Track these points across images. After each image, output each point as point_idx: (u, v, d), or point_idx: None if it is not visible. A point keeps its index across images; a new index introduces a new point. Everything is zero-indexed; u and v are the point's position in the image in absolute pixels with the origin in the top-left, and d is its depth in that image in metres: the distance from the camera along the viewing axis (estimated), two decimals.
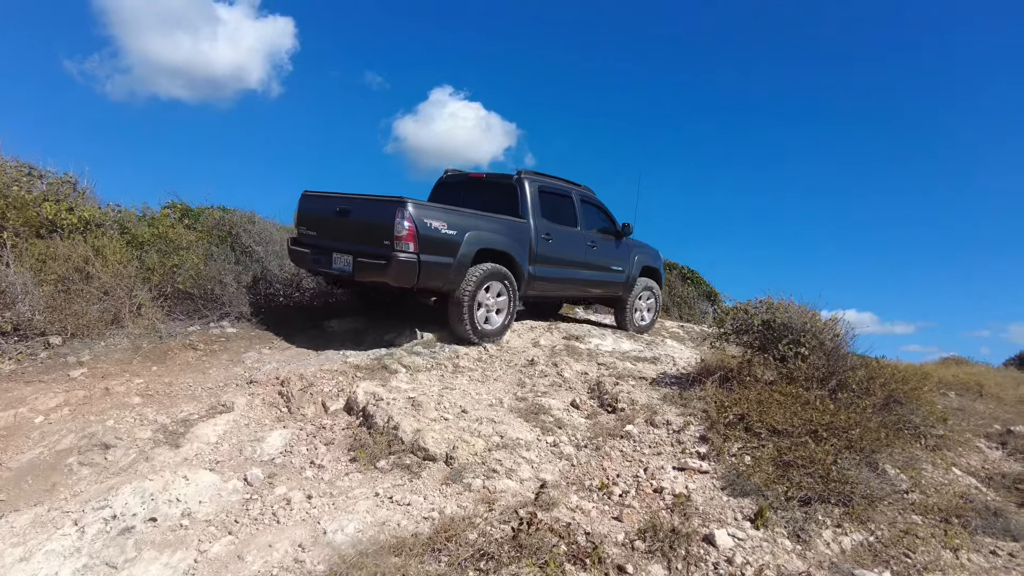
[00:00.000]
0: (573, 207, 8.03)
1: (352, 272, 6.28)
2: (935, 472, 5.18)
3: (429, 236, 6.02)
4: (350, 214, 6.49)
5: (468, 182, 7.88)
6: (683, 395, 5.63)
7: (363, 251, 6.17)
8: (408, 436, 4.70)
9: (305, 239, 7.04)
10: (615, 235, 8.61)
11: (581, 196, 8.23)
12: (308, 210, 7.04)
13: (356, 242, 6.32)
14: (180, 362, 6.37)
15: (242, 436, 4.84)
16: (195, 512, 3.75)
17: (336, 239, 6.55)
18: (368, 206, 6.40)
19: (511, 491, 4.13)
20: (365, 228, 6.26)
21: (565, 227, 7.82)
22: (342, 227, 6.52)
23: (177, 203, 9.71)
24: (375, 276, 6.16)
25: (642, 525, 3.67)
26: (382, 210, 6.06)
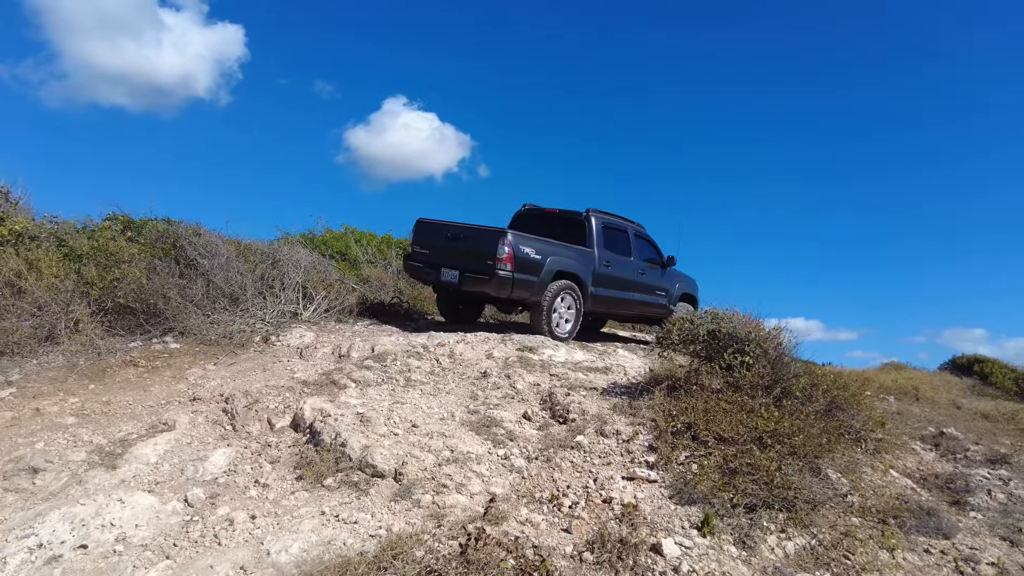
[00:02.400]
0: (628, 240, 9.50)
1: (459, 283, 7.92)
2: (874, 475, 5.36)
3: (522, 258, 7.65)
4: (458, 238, 8.09)
5: (543, 215, 9.36)
6: (633, 404, 5.69)
7: (469, 267, 7.81)
8: (356, 453, 4.62)
9: (418, 256, 8.59)
10: (661, 265, 10.07)
11: (635, 231, 9.71)
12: (422, 233, 8.66)
13: (463, 260, 7.92)
14: (120, 380, 6.15)
15: (184, 455, 4.69)
16: (130, 537, 3.61)
17: (445, 257, 8.15)
18: (474, 233, 8.05)
19: (461, 506, 4.10)
20: (471, 250, 7.87)
21: (621, 256, 9.28)
22: (451, 248, 8.13)
23: (119, 215, 9.40)
24: (478, 287, 7.84)
25: (591, 536, 3.68)
26: (487, 237, 7.73)
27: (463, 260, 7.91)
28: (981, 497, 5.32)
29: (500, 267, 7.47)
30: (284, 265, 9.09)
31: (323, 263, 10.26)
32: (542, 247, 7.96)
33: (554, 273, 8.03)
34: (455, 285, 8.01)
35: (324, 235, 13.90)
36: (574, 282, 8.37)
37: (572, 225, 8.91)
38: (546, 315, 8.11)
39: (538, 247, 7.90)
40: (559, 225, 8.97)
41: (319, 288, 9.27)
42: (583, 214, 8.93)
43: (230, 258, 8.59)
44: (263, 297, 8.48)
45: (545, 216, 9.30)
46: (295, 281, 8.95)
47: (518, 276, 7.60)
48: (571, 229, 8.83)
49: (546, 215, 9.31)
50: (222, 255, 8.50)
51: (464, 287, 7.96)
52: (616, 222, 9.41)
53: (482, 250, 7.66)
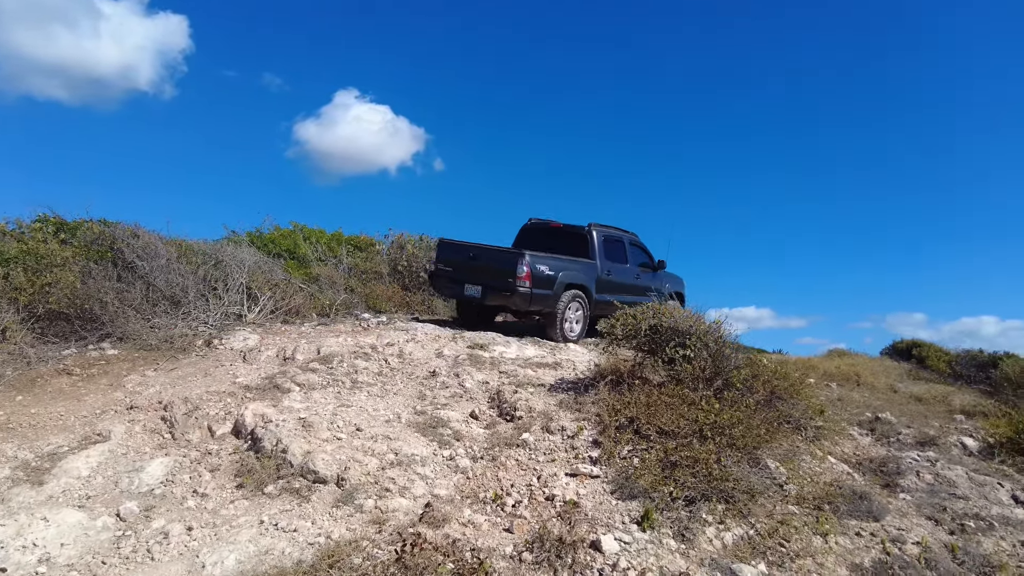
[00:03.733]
0: (624, 249, 10.43)
1: (482, 297, 8.82)
2: (813, 462, 5.52)
3: (538, 275, 8.53)
4: (479, 257, 9.03)
5: (548, 229, 10.17)
6: (579, 400, 5.75)
7: (491, 283, 8.68)
8: (298, 459, 4.56)
9: (442, 272, 9.42)
10: (652, 268, 11.02)
11: (630, 240, 10.65)
12: (444, 252, 9.51)
13: (484, 277, 8.79)
14: (51, 389, 5.92)
15: (119, 467, 4.55)
16: (55, 557, 3.48)
17: (468, 274, 9.01)
18: (495, 253, 9.04)
19: (403, 509, 4.08)
20: (492, 268, 8.74)
21: (619, 264, 10.20)
22: (472, 266, 9.01)
23: (50, 217, 9.02)
24: (500, 301, 8.81)
25: (531, 536, 3.71)
26: (507, 257, 8.66)
27: (485, 277, 8.81)
28: (910, 479, 5.54)
29: (520, 284, 8.36)
30: (227, 266, 8.89)
31: (268, 263, 10.06)
32: (554, 263, 8.88)
33: (565, 285, 8.94)
34: (478, 299, 8.94)
35: (272, 233, 13.61)
36: (582, 291, 9.31)
37: (575, 238, 9.77)
38: (559, 322, 8.98)
39: (551, 264, 8.81)
40: (563, 238, 9.85)
41: (264, 288, 9.10)
42: (585, 228, 9.80)
43: (171, 260, 8.35)
44: (206, 299, 8.28)
45: (550, 230, 10.18)
46: (239, 282, 8.76)
47: (535, 291, 8.51)
48: (574, 242, 9.73)
49: (551, 229, 10.18)
50: (162, 257, 8.26)
51: (487, 301, 8.92)
52: (613, 234, 10.30)
53: (503, 268, 8.55)
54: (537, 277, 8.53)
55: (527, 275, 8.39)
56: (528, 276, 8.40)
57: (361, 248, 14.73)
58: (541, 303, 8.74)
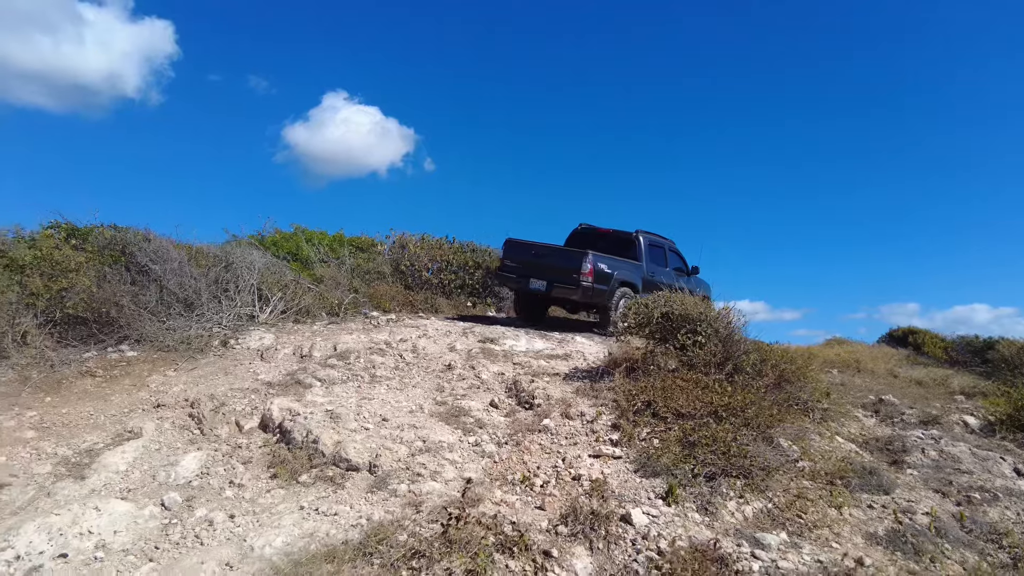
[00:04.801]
0: (665, 253, 11.52)
1: (546, 291, 9.76)
2: (822, 441, 5.71)
3: (598, 272, 9.54)
4: (545, 255, 10.08)
5: (598, 233, 11.12)
6: (594, 387, 5.92)
7: (556, 279, 9.65)
8: (329, 448, 4.70)
9: (508, 268, 10.42)
10: (686, 273, 11.97)
11: (669, 246, 11.75)
12: (511, 250, 10.52)
13: (550, 273, 9.76)
14: (77, 391, 6.03)
15: (154, 462, 4.68)
16: (110, 543, 3.62)
17: (533, 270, 9.99)
18: (559, 252, 10.23)
19: (437, 492, 4.24)
20: (558, 265, 9.77)
21: (660, 267, 11.16)
22: (538, 263, 10.00)
23: (62, 223, 9.11)
24: (563, 294, 9.81)
25: (564, 511, 3.88)
26: (572, 256, 9.73)
27: (550, 273, 9.80)
28: (916, 456, 5.74)
29: (583, 279, 9.40)
30: (237, 268, 8.99)
31: (277, 264, 10.19)
32: (611, 263, 9.91)
33: (619, 283, 9.92)
34: (543, 292, 9.92)
35: (274, 236, 13.72)
36: (631, 288, 10.21)
37: (623, 242, 10.78)
38: (612, 314, 9.75)
39: (608, 263, 9.84)
40: (612, 242, 10.76)
41: (274, 290, 9.21)
42: (633, 234, 10.86)
43: (182, 263, 8.45)
44: (218, 301, 8.38)
45: (599, 234, 11.14)
46: (250, 283, 8.87)
47: (596, 286, 9.52)
48: (622, 245, 10.69)
49: (601, 233, 11.14)
50: (173, 260, 8.36)
51: (552, 294, 9.92)
52: (656, 240, 11.37)
53: (568, 265, 9.61)
54: (598, 274, 9.52)
55: (590, 271, 9.40)
56: (591, 272, 9.41)
57: (363, 249, 14.86)
58: (598, 297, 9.74)
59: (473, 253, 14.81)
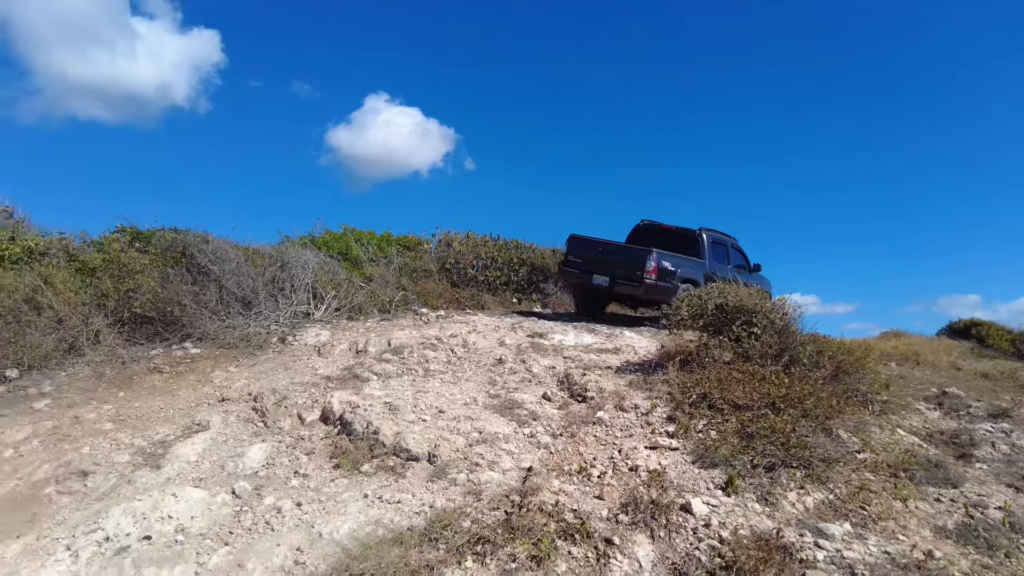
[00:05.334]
0: (727, 251, 11.48)
1: (609, 286, 9.90)
2: (882, 434, 5.58)
3: (662, 269, 9.59)
4: (609, 252, 10.19)
5: (660, 230, 11.12)
6: (648, 380, 5.91)
7: (619, 275, 9.77)
8: (389, 439, 4.81)
9: (572, 264, 10.57)
10: (748, 270, 11.86)
11: (731, 244, 11.74)
12: (575, 246, 10.66)
13: (613, 269, 9.87)
14: (147, 386, 6.31)
15: (222, 452, 4.87)
16: (188, 527, 3.79)
17: (597, 266, 10.11)
18: (623, 249, 10.37)
19: (495, 481, 4.30)
20: (622, 262, 9.86)
21: (722, 264, 11.05)
22: (602, 260, 10.11)
23: (126, 227, 9.52)
24: (626, 290, 9.91)
25: (623, 500, 3.90)
26: (637, 253, 9.79)
27: (613, 269, 9.89)
28: (985, 449, 5.56)
29: (647, 276, 9.48)
30: (292, 267, 9.24)
31: (329, 264, 10.43)
32: (674, 260, 9.94)
33: (682, 280, 9.88)
34: (606, 288, 10.03)
35: (324, 236, 14.04)
36: (693, 285, 9.97)
37: (686, 240, 10.78)
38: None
39: (672, 260, 9.88)
40: (674, 239, 10.75)
41: (328, 288, 9.45)
42: (696, 231, 10.86)
43: (240, 263, 8.72)
44: (275, 299, 8.64)
45: (661, 231, 11.13)
46: (305, 282, 9.12)
47: (659, 283, 9.57)
48: (685, 242, 10.70)
49: (663, 230, 11.14)
50: (232, 260, 8.64)
51: (615, 290, 10.02)
52: (719, 237, 11.34)
53: (632, 262, 9.69)
54: (661, 271, 9.59)
55: (654, 269, 9.49)
56: (655, 270, 9.49)
57: (409, 247, 15.09)
58: (661, 295, 9.63)
59: (518, 250, 14.89)
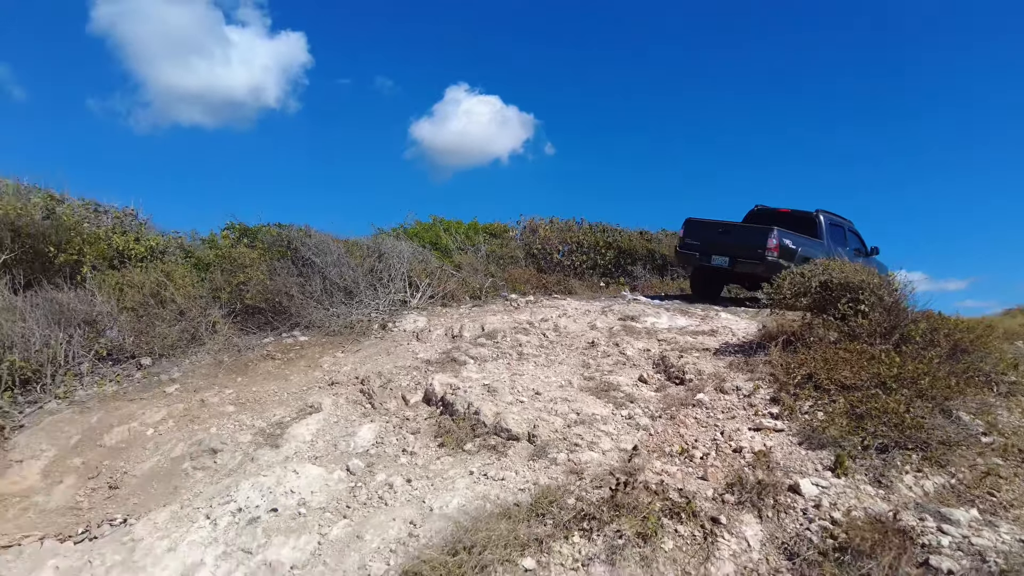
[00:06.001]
0: (844, 233, 11.48)
1: (730, 266, 10.18)
2: (1011, 416, 5.20)
3: (784, 247, 9.66)
4: (729, 232, 10.42)
5: (775, 214, 11.17)
6: (748, 361, 5.77)
7: (739, 254, 9.97)
8: (490, 419, 4.95)
9: (689, 246, 10.79)
10: (865, 253, 11.84)
11: (848, 227, 11.76)
12: (691, 229, 10.87)
13: (733, 249, 10.09)
14: (261, 371, 6.75)
15: (334, 432, 5.16)
16: (309, 501, 4.07)
17: (715, 247, 10.34)
18: (744, 228, 10.57)
19: (596, 462, 4.35)
20: (742, 242, 10.04)
21: (839, 246, 10.87)
22: (721, 240, 10.34)
23: (235, 224, 10.17)
24: (747, 269, 10.02)
25: (728, 481, 3.85)
26: (757, 232, 9.88)
27: (733, 249, 10.11)
28: None
29: (769, 254, 9.56)
30: (389, 258, 9.61)
31: (422, 253, 10.77)
32: (795, 239, 9.96)
33: (803, 259, 9.50)
34: (726, 268, 10.34)
35: (414, 227, 14.46)
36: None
37: (804, 222, 10.74)
38: None
39: (793, 239, 9.91)
40: (790, 222, 10.67)
41: (422, 277, 9.76)
42: (813, 213, 10.87)
43: (340, 255, 9.15)
44: (374, 288, 9.02)
45: (778, 215, 11.14)
46: (401, 272, 9.46)
47: (781, 261, 9.39)
48: (802, 225, 10.64)
49: (779, 214, 11.15)
50: (333, 253, 9.08)
51: (735, 269, 10.24)
52: (836, 219, 11.33)
53: (752, 242, 9.79)
54: (783, 249, 9.65)
55: (776, 247, 9.56)
56: (776, 248, 9.56)
57: (496, 235, 15.31)
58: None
59: (603, 233, 14.82)
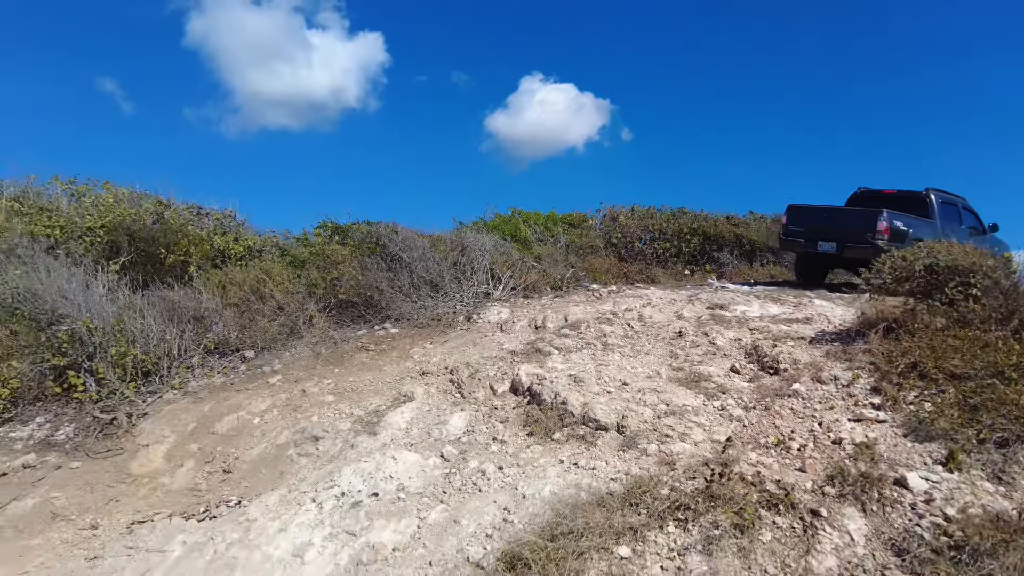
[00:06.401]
0: (958, 211, 11.12)
1: (838, 251, 9.92)
2: None
3: (895, 230, 9.43)
4: (835, 218, 10.23)
5: (879, 196, 10.94)
6: (847, 350, 5.53)
7: (847, 240, 9.73)
8: (577, 410, 4.99)
9: (793, 232, 10.68)
10: (981, 232, 11.55)
11: (962, 204, 11.37)
12: (795, 215, 10.75)
13: (840, 234, 9.87)
14: (356, 363, 7.05)
15: (427, 421, 5.34)
16: (408, 486, 4.24)
17: (821, 232, 10.17)
18: (851, 212, 10.37)
19: (688, 452, 4.31)
20: (849, 226, 9.84)
21: (954, 225, 10.67)
22: (827, 226, 10.14)
23: (327, 222, 10.63)
24: (856, 254, 9.53)
25: (828, 473, 3.73)
26: (865, 214, 9.64)
27: (840, 234, 9.90)
28: None
29: (878, 238, 9.30)
30: (471, 251, 9.78)
31: (503, 246, 10.90)
32: (906, 220, 9.68)
33: (914, 240, 9.12)
34: (833, 254, 10.10)
35: (494, 220, 14.64)
36: None
37: (913, 203, 10.45)
38: None
39: (903, 220, 9.63)
40: (897, 203, 10.39)
41: (503, 269, 9.88)
42: (923, 192, 10.51)
43: (425, 249, 9.41)
44: (458, 281, 9.21)
45: (883, 197, 10.86)
46: (483, 264, 9.61)
47: (892, 244, 9.12)
48: (911, 206, 10.36)
49: (885, 196, 10.88)
50: (419, 248, 9.34)
51: (843, 255, 9.96)
52: (948, 197, 10.98)
53: (861, 225, 9.57)
54: (894, 232, 9.42)
55: (886, 230, 9.32)
56: (887, 230, 9.33)
57: (575, 225, 15.28)
58: None
59: (687, 219, 14.48)
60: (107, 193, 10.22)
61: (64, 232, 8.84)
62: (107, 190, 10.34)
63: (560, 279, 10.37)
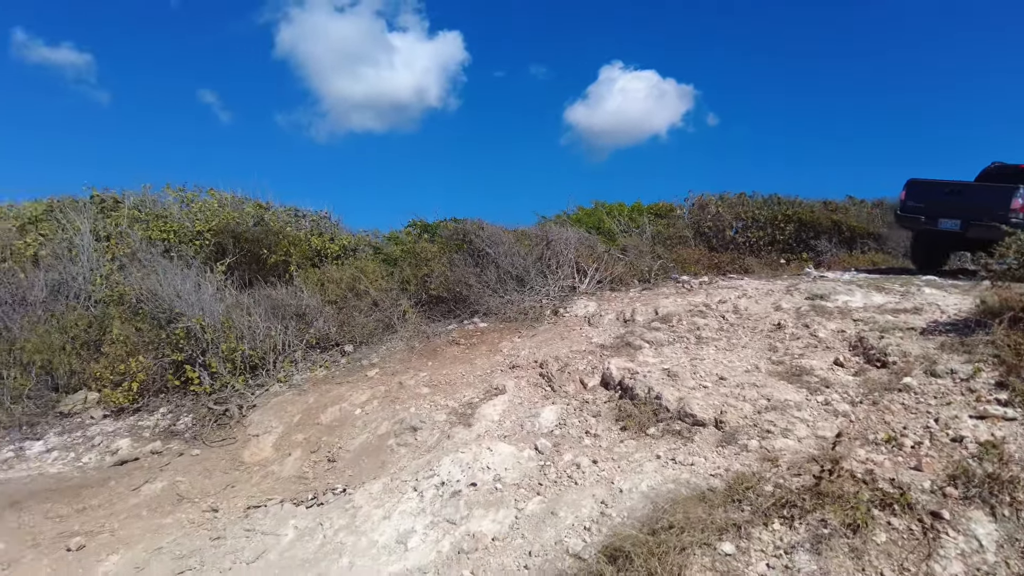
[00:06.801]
0: None
1: (962, 230, 9.17)
2: None
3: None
4: (961, 193, 9.38)
5: (1017, 171, 9.92)
6: (964, 342, 5.15)
7: (973, 217, 8.96)
8: (672, 404, 4.90)
9: (911, 209, 9.94)
10: None
11: None
12: (915, 191, 9.99)
13: (966, 211, 9.11)
14: (448, 356, 7.21)
15: (519, 413, 5.40)
16: (504, 477, 4.31)
17: (944, 209, 9.39)
18: (980, 187, 9.56)
19: (791, 449, 4.15)
20: (976, 202, 9.09)
21: None
22: (951, 202, 9.35)
23: (416, 220, 10.93)
24: (983, 233, 8.67)
25: (948, 473, 3.50)
26: (997, 190, 8.91)
27: (966, 211, 9.15)
28: None
29: (1012, 215, 8.44)
30: (556, 244, 9.78)
31: (588, 239, 10.83)
32: None
33: None
34: (957, 232, 9.33)
35: (577, 213, 14.56)
36: None
37: None
38: None
39: None
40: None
41: (589, 262, 9.82)
42: None
43: (511, 245, 9.49)
44: (544, 275, 9.25)
45: (1019, 172, 9.91)
46: (568, 258, 9.60)
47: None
48: None
49: (1020, 171, 9.94)
50: (504, 243, 9.43)
51: (968, 234, 9.22)
52: None
53: (990, 202, 8.83)
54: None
55: (1021, 207, 8.54)
56: (1021, 207, 8.54)
57: (661, 215, 14.96)
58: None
59: (781, 206, 13.89)
60: (212, 199, 10.93)
61: (177, 236, 9.52)
62: (212, 196, 11.06)
63: (647, 271, 10.20)
